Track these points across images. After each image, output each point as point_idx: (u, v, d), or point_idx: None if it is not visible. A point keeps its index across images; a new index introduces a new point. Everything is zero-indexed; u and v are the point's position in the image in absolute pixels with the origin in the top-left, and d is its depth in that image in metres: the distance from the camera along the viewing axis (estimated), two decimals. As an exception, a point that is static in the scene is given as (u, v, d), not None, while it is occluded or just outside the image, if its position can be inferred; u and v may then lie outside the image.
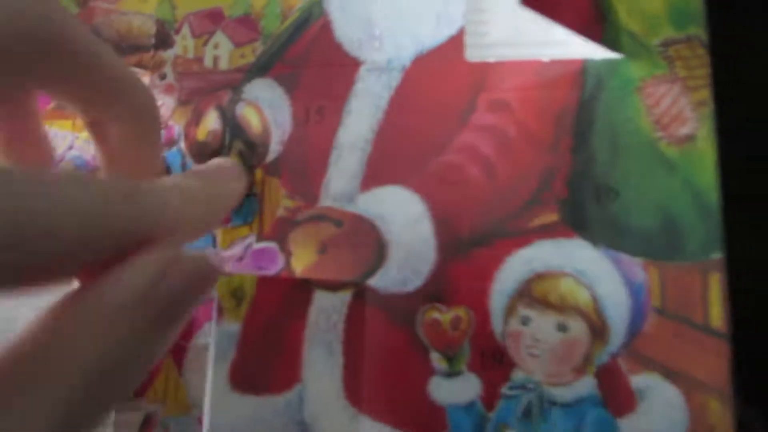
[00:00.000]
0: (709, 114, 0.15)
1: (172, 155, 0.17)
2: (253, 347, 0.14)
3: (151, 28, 0.17)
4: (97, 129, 0.12)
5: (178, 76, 0.17)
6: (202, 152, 0.16)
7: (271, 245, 0.16)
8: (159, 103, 0.16)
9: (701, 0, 0.15)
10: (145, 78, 0.17)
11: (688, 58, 0.15)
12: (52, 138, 0.18)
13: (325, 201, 0.16)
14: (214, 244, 0.16)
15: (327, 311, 0.15)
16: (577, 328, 0.14)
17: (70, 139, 0.18)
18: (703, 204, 0.14)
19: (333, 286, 0.15)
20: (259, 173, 0.16)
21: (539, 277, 0.15)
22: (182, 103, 0.17)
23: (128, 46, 0.17)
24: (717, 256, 0.14)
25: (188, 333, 0.15)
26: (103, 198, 0.10)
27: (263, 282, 0.15)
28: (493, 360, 0.14)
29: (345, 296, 0.15)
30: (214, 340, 0.14)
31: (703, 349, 0.14)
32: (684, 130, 0.15)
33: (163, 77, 0.17)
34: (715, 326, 0.14)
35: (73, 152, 0.18)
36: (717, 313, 0.14)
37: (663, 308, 0.14)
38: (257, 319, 0.15)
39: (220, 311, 0.15)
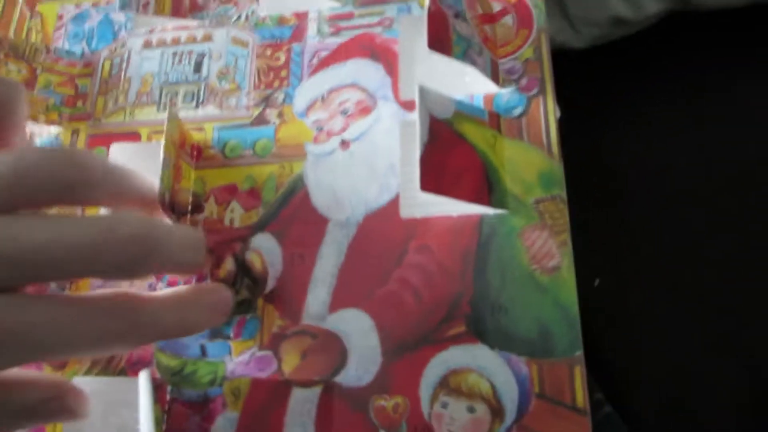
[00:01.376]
0: (568, 251, 0.21)
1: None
2: (247, 429, 0.21)
3: (188, 198, 0.25)
4: None
5: (206, 232, 0.24)
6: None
7: (268, 353, 0.22)
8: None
9: (561, 170, 0.22)
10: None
11: (552, 212, 0.21)
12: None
13: (306, 320, 0.22)
14: (230, 353, 0.22)
15: (303, 402, 0.21)
16: (482, 409, 0.20)
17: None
18: (568, 316, 0.20)
19: (308, 383, 0.21)
20: (260, 301, 0.23)
21: (454, 372, 0.20)
22: (208, 251, 0.24)
23: (176, 213, 0.25)
24: (579, 353, 0.20)
25: (209, 418, 0.21)
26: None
27: (255, 382, 0.21)
28: (422, 435, 0.20)
29: (317, 390, 0.21)
30: (219, 425, 0.20)
31: (572, 422, 0.19)
32: (552, 263, 0.21)
33: (196, 234, 0.24)
34: (579, 406, 0.19)
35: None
36: (581, 396, 0.19)
37: (542, 393, 0.20)
38: (251, 409, 0.21)
39: (224, 404, 0.21)
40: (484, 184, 0.22)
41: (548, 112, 0.23)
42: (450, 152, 0.21)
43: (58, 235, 0.16)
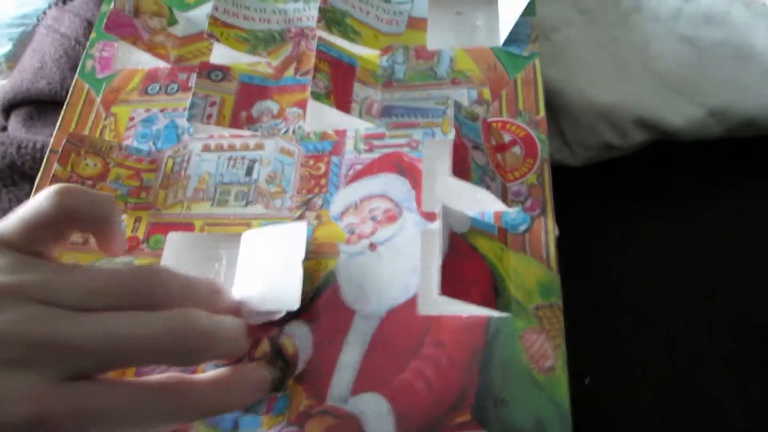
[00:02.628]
0: (562, 353, 0.24)
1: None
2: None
3: (233, 284, 0.29)
4: None
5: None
6: (257, 366, 0.27)
7: (295, 429, 0.25)
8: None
9: (558, 282, 0.25)
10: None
11: (550, 317, 0.25)
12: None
13: (330, 401, 0.25)
14: (261, 426, 0.25)
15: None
16: (483, 492, 0.23)
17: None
18: (560, 412, 0.23)
19: (330, 458, 0.24)
20: (290, 382, 0.26)
21: (459, 456, 0.23)
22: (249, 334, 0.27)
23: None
24: (570, 446, 0.23)
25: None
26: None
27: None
28: None
29: (337, 465, 0.24)
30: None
31: None
32: (547, 363, 0.24)
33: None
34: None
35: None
36: (570, 485, 0.22)
37: (536, 481, 0.22)
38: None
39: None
40: (492, 291, 0.25)
41: (548, 230, 0.27)
42: (465, 262, 0.25)
43: (139, 330, 0.20)
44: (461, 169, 0.26)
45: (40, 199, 0.22)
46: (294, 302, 0.26)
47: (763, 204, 0.33)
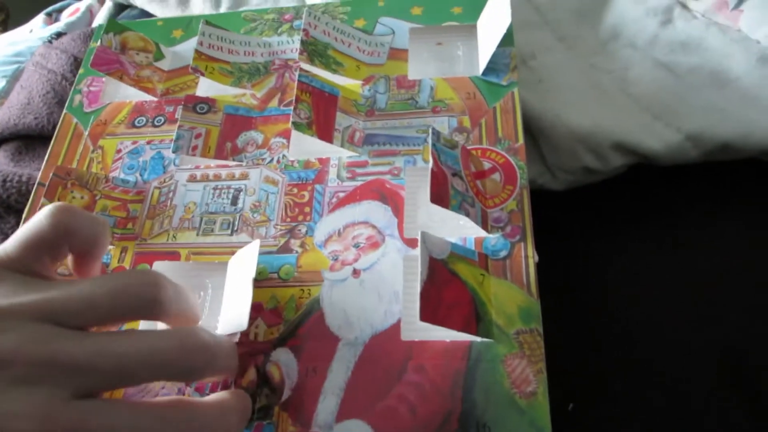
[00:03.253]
0: (543, 379, 0.24)
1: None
2: None
3: (218, 313, 0.29)
4: None
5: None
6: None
7: (279, 458, 0.25)
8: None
9: (539, 307, 0.26)
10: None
11: (530, 343, 0.25)
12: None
13: (314, 428, 0.25)
14: (247, 454, 0.25)
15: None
16: None
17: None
18: (542, 435, 0.23)
19: (315, 487, 0.24)
20: (277, 409, 0.26)
21: (443, 482, 0.23)
22: (232, 362, 0.27)
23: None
24: (551, 470, 0.23)
25: None
26: None
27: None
28: None
29: (322, 494, 0.24)
30: None
31: None
32: (529, 389, 0.24)
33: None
34: None
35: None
36: None
37: (520, 506, 0.22)
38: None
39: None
40: (473, 316, 0.26)
41: (528, 256, 0.27)
42: (445, 288, 0.26)
43: (139, 349, 0.20)
44: (440, 195, 0.27)
45: (39, 218, 0.23)
46: (243, 322, 0.26)
47: (741, 227, 0.34)
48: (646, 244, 0.34)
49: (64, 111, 0.38)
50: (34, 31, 0.66)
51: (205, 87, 0.36)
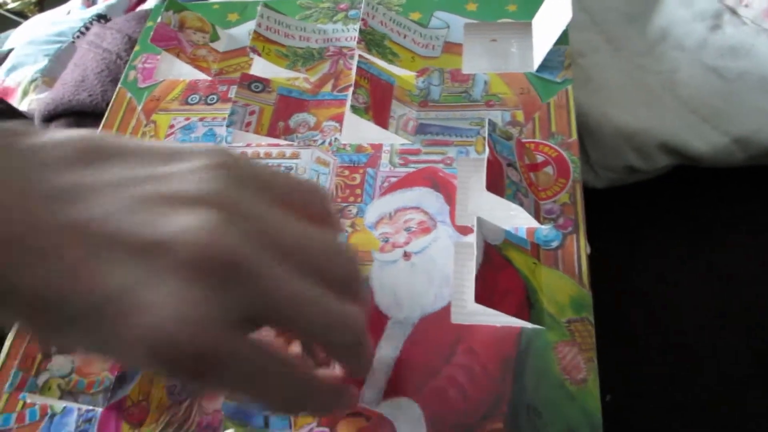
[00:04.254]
0: (594, 367, 0.24)
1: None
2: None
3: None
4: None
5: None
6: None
7: (325, 429, 0.25)
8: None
9: (590, 297, 0.26)
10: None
11: (581, 331, 0.25)
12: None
13: (362, 403, 0.25)
14: (290, 426, 0.25)
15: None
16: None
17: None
18: (592, 423, 0.23)
19: (361, 460, 0.24)
20: (322, 383, 0.26)
21: (491, 464, 0.23)
22: (280, 335, 0.28)
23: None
24: (601, 457, 0.23)
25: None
26: None
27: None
28: None
29: (368, 467, 0.24)
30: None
31: None
32: (580, 376, 0.24)
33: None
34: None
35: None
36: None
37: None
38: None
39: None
40: (525, 303, 0.26)
41: (580, 248, 0.27)
42: (499, 273, 0.26)
43: (317, 299, 0.18)
44: (495, 184, 0.27)
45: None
46: None
47: None
48: (686, 243, 0.34)
49: (119, 85, 0.38)
50: (73, 12, 0.67)
51: (258, 70, 0.37)
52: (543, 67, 0.34)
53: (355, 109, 0.31)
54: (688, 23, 0.39)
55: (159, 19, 0.37)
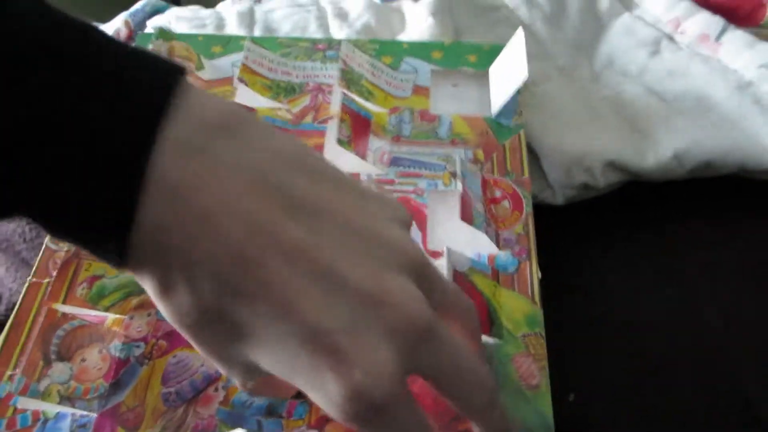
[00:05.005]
0: (545, 374, 0.29)
1: None
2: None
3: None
4: None
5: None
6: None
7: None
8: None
9: (541, 314, 0.31)
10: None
11: (535, 344, 0.30)
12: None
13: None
14: (282, 429, 0.28)
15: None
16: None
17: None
18: (545, 422, 0.28)
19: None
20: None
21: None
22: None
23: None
24: (551, 451, 0.27)
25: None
26: None
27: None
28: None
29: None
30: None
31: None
32: (534, 382, 0.29)
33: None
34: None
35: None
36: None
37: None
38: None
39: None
40: (487, 320, 0.30)
41: (533, 272, 0.32)
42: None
43: (476, 375, 0.22)
44: (466, 216, 0.31)
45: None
46: None
47: (724, 234, 0.39)
48: (639, 252, 0.39)
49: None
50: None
51: (243, 100, 0.40)
52: (499, 113, 0.38)
53: (340, 142, 0.35)
54: (631, 50, 0.45)
55: (150, 47, 0.39)
